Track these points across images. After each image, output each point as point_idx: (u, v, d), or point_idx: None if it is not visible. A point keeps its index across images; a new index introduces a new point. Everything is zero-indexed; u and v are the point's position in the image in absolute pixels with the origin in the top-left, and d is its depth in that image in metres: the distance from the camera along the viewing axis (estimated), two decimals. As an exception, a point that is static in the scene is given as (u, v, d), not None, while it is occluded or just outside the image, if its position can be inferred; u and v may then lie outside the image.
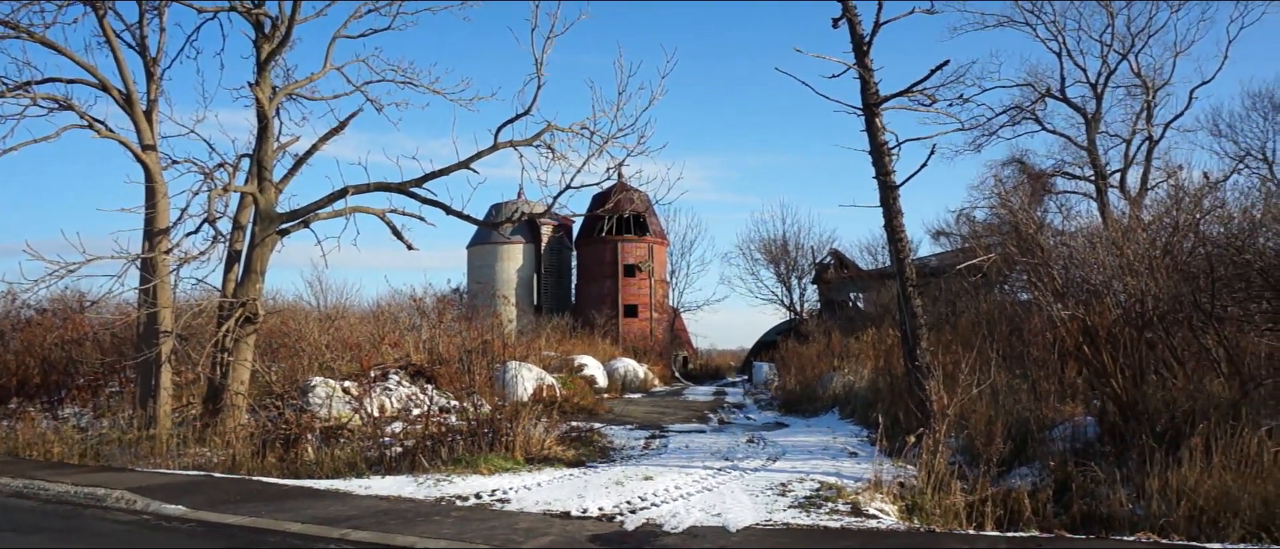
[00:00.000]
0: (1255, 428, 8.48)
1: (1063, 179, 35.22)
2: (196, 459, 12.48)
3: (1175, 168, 29.13)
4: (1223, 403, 9.64)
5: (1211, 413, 9.18)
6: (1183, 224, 13.31)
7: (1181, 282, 11.44)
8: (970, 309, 19.44)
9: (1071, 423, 11.10)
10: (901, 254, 12.41)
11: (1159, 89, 32.97)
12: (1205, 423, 8.80)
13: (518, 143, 14.95)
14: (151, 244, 14.52)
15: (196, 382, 15.82)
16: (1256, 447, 8.28)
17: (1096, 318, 11.60)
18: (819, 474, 10.61)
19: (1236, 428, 8.52)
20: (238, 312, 14.31)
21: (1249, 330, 11.05)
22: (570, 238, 51.36)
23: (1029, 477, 9.85)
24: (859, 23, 12.61)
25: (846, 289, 43.17)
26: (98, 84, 14.94)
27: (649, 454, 13.27)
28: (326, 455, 11.81)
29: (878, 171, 12.41)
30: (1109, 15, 32.40)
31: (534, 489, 9.74)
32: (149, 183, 14.85)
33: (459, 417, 13.17)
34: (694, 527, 7.73)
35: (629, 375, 30.52)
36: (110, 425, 14.48)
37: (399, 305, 26.86)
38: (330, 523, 7.91)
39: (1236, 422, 8.68)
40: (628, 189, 27.51)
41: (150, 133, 15.15)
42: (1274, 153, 32.92)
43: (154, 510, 8.81)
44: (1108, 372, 10.78)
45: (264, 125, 15.10)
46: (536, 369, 21.28)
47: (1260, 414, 9.07)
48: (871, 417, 14.55)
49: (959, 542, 7.14)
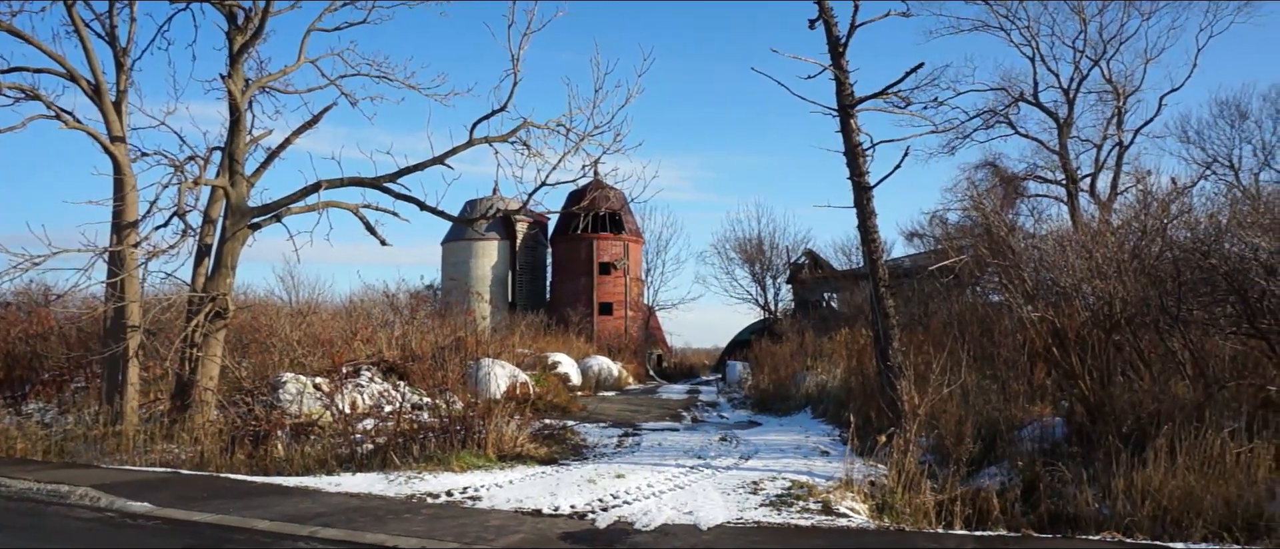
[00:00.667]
0: (1218, 430, 8.63)
1: (1035, 183, 35.65)
2: (164, 456, 12.31)
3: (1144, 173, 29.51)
4: (1187, 405, 9.79)
5: (1176, 415, 9.33)
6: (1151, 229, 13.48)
7: (1149, 285, 11.60)
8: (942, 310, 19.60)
9: (1040, 423, 11.23)
10: (874, 255, 12.49)
11: (1130, 95, 33.46)
12: (1170, 424, 8.94)
13: (493, 139, 14.89)
14: (120, 237, 14.31)
15: (165, 377, 15.60)
16: (1219, 448, 8.43)
17: (1066, 320, 11.74)
18: (791, 473, 10.66)
19: (1200, 430, 8.66)
20: (207, 306, 14.14)
21: (1213, 334, 11.23)
22: (546, 235, 51.22)
23: (998, 476, 9.96)
24: (835, 24, 12.67)
25: (820, 289, 43.41)
26: (66, 74, 14.70)
27: (622, 452, 13.27)
28: (297, 453, 11.70)
29: (852, 172, 12.48)
30: (1082, 21, 32.82)
31: (506, 487, 9.71)
32: (118, 175, 14.63)
33: (431, 414, 13.09)
34: (665, 525, 7.74)
35: (603, 373, 30.48)
36: (75, 421, 14.25)
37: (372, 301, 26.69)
38: (299, 521, 7.83)
39: (1200, 423, 8.83)
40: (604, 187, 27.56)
41: (119, 124, 14.92)
42: (1240, 159, 33.54)
43: (119, 508, 8.69)
44: (1076, 373, 10.92)
45: (236, 118, 14.92)
46: (510, 366, 21.20)
47: (1223, 416, 9.23)
48: (843, 416, 14.64)
49: (928, 540, 7.20)
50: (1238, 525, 7.61)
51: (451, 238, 49.04)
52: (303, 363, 17.70)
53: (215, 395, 14.03)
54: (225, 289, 14.49)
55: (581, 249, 47.91)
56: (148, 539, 7.46)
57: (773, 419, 19.60)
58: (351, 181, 14.85)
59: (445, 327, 21.17)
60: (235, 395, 14.20)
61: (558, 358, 28.23)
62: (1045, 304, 12.92)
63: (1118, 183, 32.77)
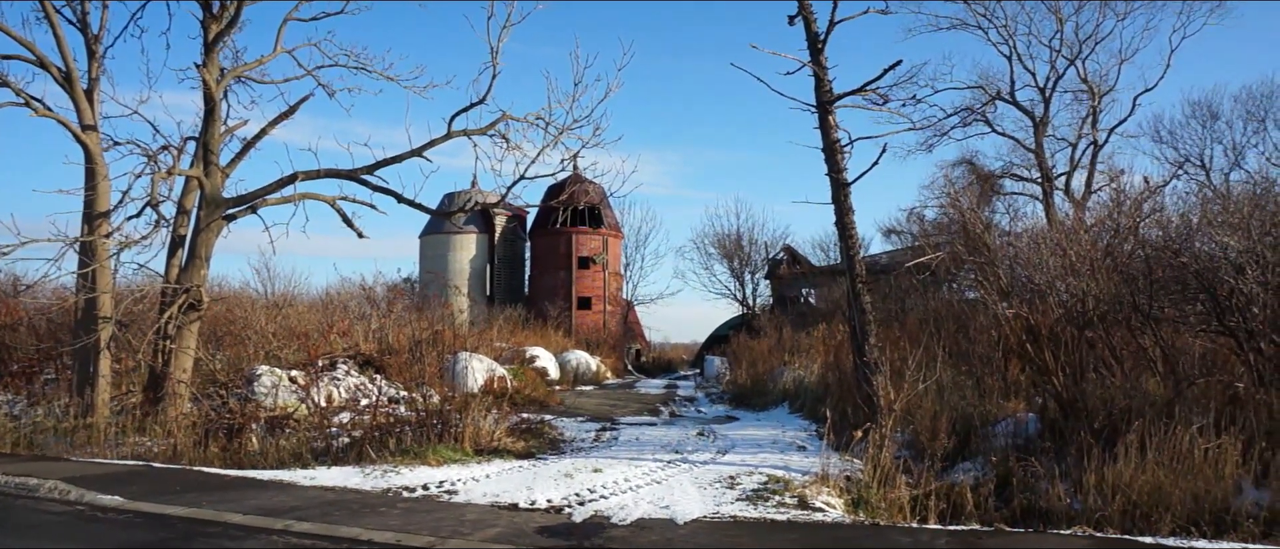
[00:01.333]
0: (1187, 426, 8.75)
1: (1011, 180, 35.99)
2: (136, 449, 12.17)
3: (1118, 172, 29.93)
4: (1157, 401, 9.93)
5: (1146, 411, 9.46)
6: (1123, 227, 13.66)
7: (1121, 283, 11.74)
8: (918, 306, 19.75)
9: (1014, 419, 11.34)
10: (852, 251, 12.56)
11: (1104, 95, 33.87)
12: (1140, 420, 9.06)
13: (472, 132, 14.82)
14: (91, 227, 14.11)
15: (137, 369, 15.42)
16: (1188, 444, 8.55)
17: (1039, 317, 11.86)
18: (767, 467, 10.71)
19: (1170, 426, 8.78)
20: (181, 298, 13.98)
21: (1184, 331, 11.39)
22: (524, 229, 51.07)
23: (972, 471, 10.05)
24: (814, 21, 12.70)
25: (798, 285, 43.58)
26: (35, 60, 14.46)
27: (599, 447, 13.28)
28: (271, 446, 11.61)
29: (830, 169, 12.53)
30: (1058, 21, 33.16)
31: (482, 481, 9.68)
32: (89, 164, 14.42)
33: (408, 407, 13.03)
34: (642, 519, 7.75)
35: (581, 368, 30.45)
36: (45, 413, 14.04)
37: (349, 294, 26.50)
38: (274, 514, 7.77)
39: (1170, 420, 8.95)
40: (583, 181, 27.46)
41: (91, 113, 14.70)
42: (1211, 159, 34.01)
43: (89, 501, 8.58)
44: (1049, 369, 11.04)
45: (211, 108, 14.74)
46: (488, 360, 21.14)
47: (1192, 412, 9.36)
48: (820, 411, 14.70)
49: (902, 535, 7.26)
50: (1205, 519, 7.75)
51: (430, 231, 48.78)
52: (278, 356, 17.55)
53: (189, 388, 13.89)
54: (199, 281, 14.34)
55: (560, 243, 47.84)
56: (119, 533, 7.37)
57: (750, 414, 19.67)
58: (328, 173, 14.73)
59: (422, 320, 21.07)
60: (209, 388, 14.06)
61: (536, 352, 28.17)
62: (1020, 301, 13.06)
63: (1092, 181, 33.15)
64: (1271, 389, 9.57)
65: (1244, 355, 10.35)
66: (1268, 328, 9.97)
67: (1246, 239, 10.27)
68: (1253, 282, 10.00)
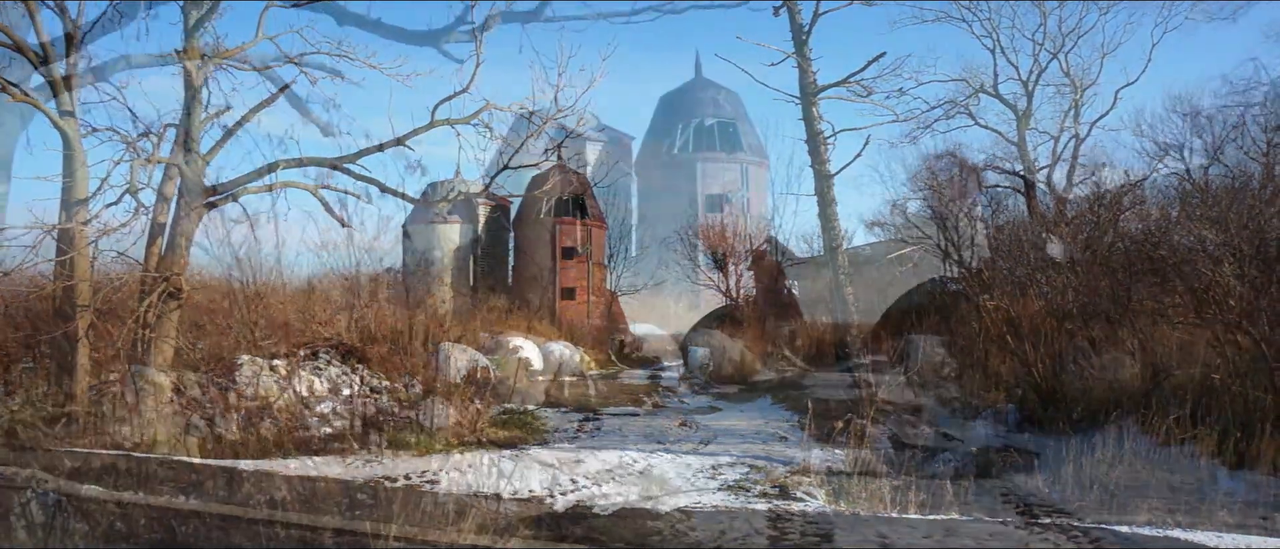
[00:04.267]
0: (1164, 417, 8.85)
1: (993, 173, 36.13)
2: (116, 438, 12.07)
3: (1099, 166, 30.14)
4: (1135, 392, 10.04)
5: (1124, 401, 9.56)
6: (1104, 220, 13.77)
7: (1101, 275, 11.85)
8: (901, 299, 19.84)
9: (994, 410, 11.44)
10: (835, 242, 12.60)
11: (1086, 89, 34.03)
12: (1118, 411, 9.16)
13: (455, 121, 14.72)
14: (69, 215, 13.93)
15: (116, 358, 15.27)
16: (1165, 434, 8.65)
17: (1020, 309, 11.96)
18: (750, 458, 10.75)
19: (1147, 416, 8.88)
20: (161, 286, 13.85)
21: (1162, 323, 11.51)
22: (508, 218, 50.83)
23: (952, 462, 10.13)
24: (799, 12, 12.73)
25: (782, 276, 43.64)
26: (11, 44, 14.23)
27: (582, 437, 13.28)
28: (252, 436, 11.55)
29: (813, 160, 12.58)
30: (1042, 14, 33.26)
31: (465, 471, 9.67)
32: (67, 150, 14.22)
33: (390, 397, 12.99)
34: (623, 508, 7.77)
35: (565, 358, 30.40)
36: (22, 403, 13.90)
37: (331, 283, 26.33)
38: (255, 505, 7.73)
39: (1148, 410, 9.05)
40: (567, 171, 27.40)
41: (69, 98, 14.49)
42: (1191, 154, 34.24)
43: (68, 491, 8.49)
44: (1029, 361, 11.14)
45: (192, 95, 14.58)
46: (471, 350, 21.07)
47: (1169, 403, 9.47)
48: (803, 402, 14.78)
49: (882, 524, 7.31)
50: (1181, 509, 7.84)
51: (412, 221, 48.52)
52: (259, 345, 17.43)
53: (169, 377, 13.77)
54: (179, 269, 14.21)
55: (544, 234, 47.68)
56: (99, 523, 7.31)
57: (733, 405, 19.70)
58: (310, 161, 14.61)
59: (405, 310, 20.96)
60: (190, 377, 13.94)
61: (519, 342, 28.09)
62: (1001, 293, 13.15)
63: (1073, 175, 33.37)
64: (1247, 380, 9.69)
65: (1220, 347, 10.47)
66: (1244, 319, 10.09)
67: (1224, 232, 10.39)
68: (1229, 274, 10.11)
